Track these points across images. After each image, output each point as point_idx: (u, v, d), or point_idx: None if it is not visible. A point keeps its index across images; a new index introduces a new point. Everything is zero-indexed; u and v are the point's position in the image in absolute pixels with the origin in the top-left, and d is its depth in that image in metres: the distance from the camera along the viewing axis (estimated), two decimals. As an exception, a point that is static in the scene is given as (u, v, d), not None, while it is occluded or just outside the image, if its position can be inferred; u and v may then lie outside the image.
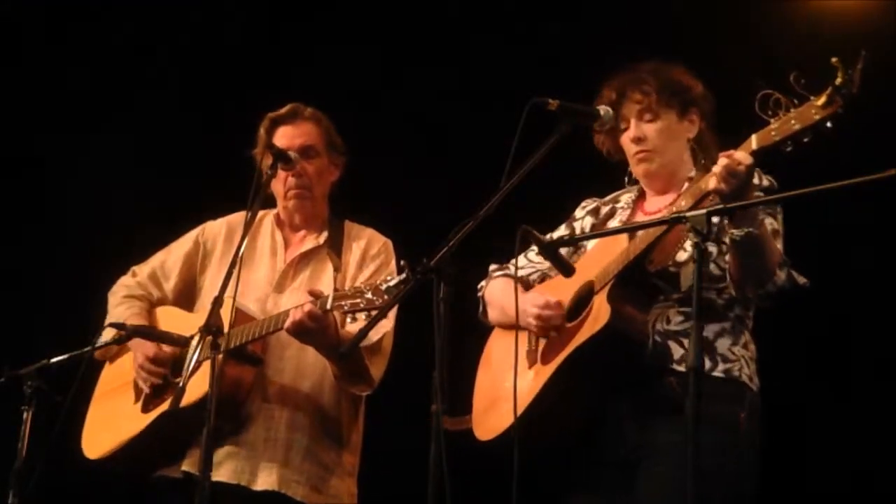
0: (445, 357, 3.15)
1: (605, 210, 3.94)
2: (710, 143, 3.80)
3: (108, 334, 4.33)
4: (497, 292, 3.97)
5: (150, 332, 4.34)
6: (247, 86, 6.12)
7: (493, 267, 4.04)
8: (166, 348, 4.28)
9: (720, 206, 3.24)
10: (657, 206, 3.80)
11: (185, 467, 4.10)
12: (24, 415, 4.21)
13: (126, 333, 4.26)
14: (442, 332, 3.16)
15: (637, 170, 3.82)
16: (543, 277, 3.96)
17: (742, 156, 3.31)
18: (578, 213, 4.02)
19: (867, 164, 3.05)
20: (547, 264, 3.88)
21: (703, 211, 3.13)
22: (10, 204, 6.29)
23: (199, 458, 4.00)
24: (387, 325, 4.12)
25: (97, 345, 4.30)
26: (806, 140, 3.20)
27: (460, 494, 3.11)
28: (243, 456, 4.10)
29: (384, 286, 3.79)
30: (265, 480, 4.09)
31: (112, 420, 4.36)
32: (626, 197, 3.93)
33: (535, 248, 3.92)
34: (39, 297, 6.18)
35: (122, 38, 6.30)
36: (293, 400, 4.17)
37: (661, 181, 3.81)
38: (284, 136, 4.34)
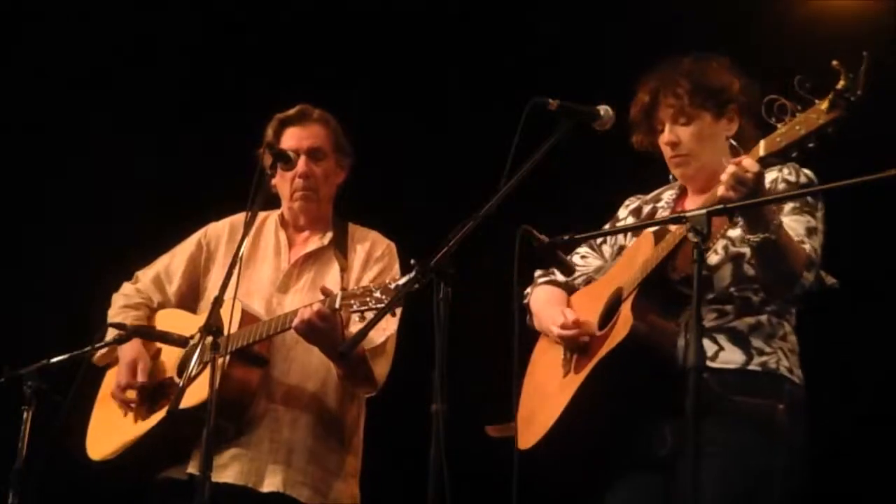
0: (445, 357, 3.15)
1: (647, 209, 3.91)
2: (750, 138, 3.72)
3: (108, 335, 4.32)
4: (537, 300, 3.95)
5: (149, 331, 4.34)
6: (250, 85, 6.12)
7: (538, 273, 4.00)
8: (164, 356, 4.29)
9: (720, 206, 3.21)
10: (698, 205, 3.77)
11: (190, 469, 4.09)
12: (24, 415, 4.21)
13: (126, 333, 4.27)
14: (442, 332, 3.16)
15: (675, 173, 3.80)
16: (589, 280, 3.93)
17: (749, 163, 3.27)
18: (622, 212, 3.99)
19: (867, 164, 3.05)
20: (592, 267, 3.91)
21: (703, 211, 3.12)
22: (10, 203, 6.28)
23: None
24: (391, 326, 4.11)
25: (96, 346, 4.29)
26: (811, 145, 3.16)
27: (461, 495, 3.11)
28: (249, 458, 4.10)
29: (393, 285, 3.77)
30: (271, 482, 4.09)
31: (116, 421, 4.36)
32: (668, 195, 3.90)
33: (579, 251, 3.92)
34: (39, 298, 6.18)
35: (124, 37, 6.31)
36: (298, 401, 4.17)
37: (699, 182, 3.77)
38: (293, 138, 4.34)
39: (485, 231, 3.32)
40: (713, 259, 3.58)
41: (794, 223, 3.52)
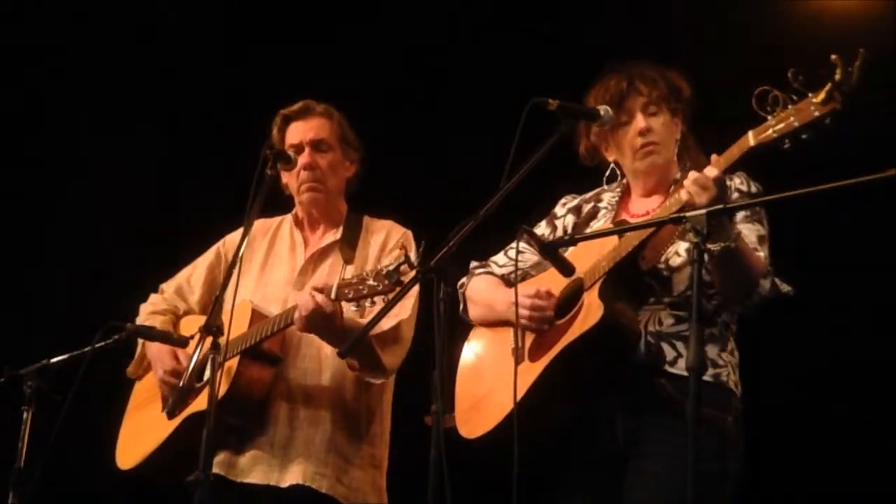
0: (445, 357, 3.16)
1: (587, 208, 3.91)
2: (692, 147, 3.81)
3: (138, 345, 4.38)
4: (481, 289, 3.93)
5: (148, 331, 4.34)
6: (251, 88, 6.12)
7: (474, 264, 4.00)
8: (181, 353, 4.29)
9: (720, 206, 3.22)
10: (644, 208, 3.78)
11: (215, 469, 4.06)
12: (24, 415, 4.22)
13: (125, 334, 4.26)
14: (442, 332, 3.16)
15: (642, 164, 3.77)
16: (525, 276, 3.90)
17: (709, 168, 3.33)
18: (559, 210, 3.98)
19: (867, 164, 3.05)
20: (529, 263, 3.88)
21: (703, 211, 3.13)
22: (9, 204, 6.29)
23: (227, 460, 4.10)
24: (402, 313, 4.10)
25: (96, 346, 4.29)
26: (805, 137, 3.20)
27: (460, 495, 3.11)
28: (271, 456, 4.11)
29: (385, 271, 3.78)
30: (292, 476, 4.09)
31: (141, 430, 4.39)
32: (609, 196, 3.90)
33: (514, 245, 3.92)
34: (39, 297, 6.18)
35: (127, 41, 6.32)
36: (315, 395, 4.17)
37: (656, 178, 3.79)
38: (297, 131, 4.36)
39: (485, 231, 3.33)
40: (675, 260, 3.59)
41: (746, 231, 3.54)
